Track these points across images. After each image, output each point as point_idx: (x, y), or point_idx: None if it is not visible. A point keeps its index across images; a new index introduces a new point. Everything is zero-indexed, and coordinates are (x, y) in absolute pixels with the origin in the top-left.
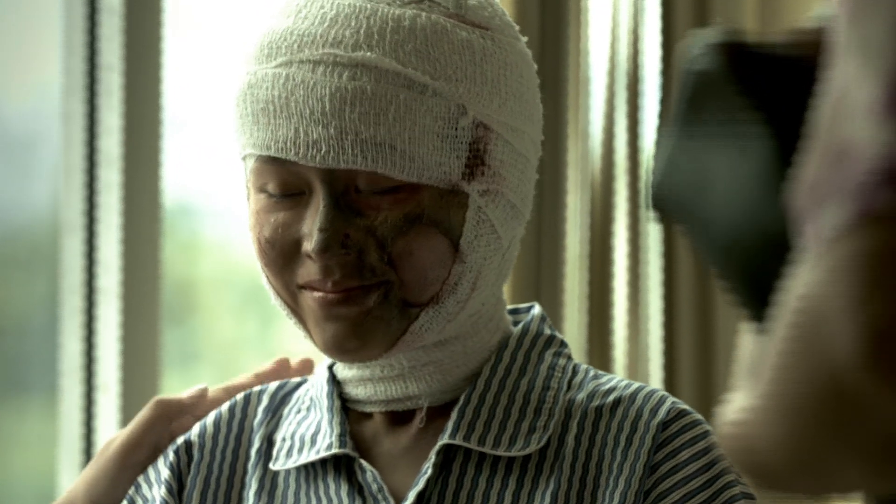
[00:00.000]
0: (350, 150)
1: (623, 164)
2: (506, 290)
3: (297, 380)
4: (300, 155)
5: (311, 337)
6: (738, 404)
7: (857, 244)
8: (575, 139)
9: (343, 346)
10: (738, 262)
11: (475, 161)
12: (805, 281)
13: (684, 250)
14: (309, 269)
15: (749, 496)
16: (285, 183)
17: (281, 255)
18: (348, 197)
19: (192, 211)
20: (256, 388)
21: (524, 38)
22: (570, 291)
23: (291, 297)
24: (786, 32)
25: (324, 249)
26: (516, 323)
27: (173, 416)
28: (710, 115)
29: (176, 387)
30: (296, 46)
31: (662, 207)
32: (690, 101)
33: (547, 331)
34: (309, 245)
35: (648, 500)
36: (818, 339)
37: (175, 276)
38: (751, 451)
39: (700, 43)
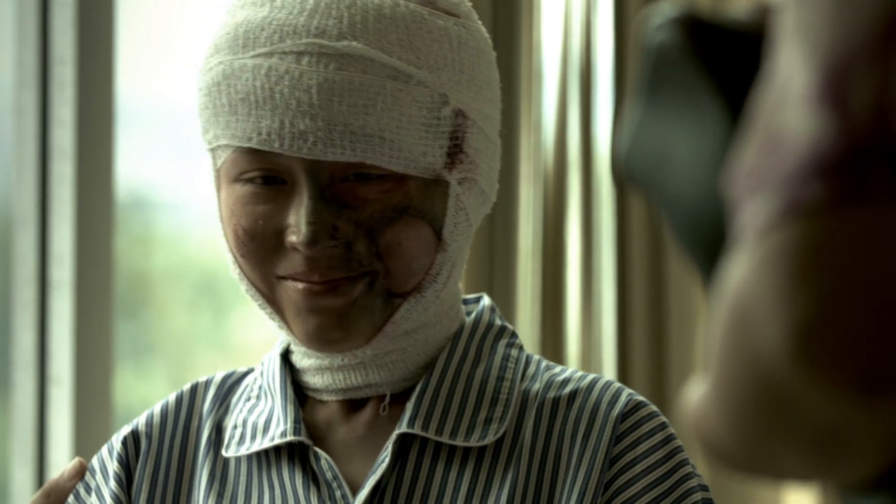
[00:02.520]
0: (339, 141)
1: (576, 157)
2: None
3: (243, 369)
4: (285, 146)
5: (290, 328)
6: (695, 392)
7: (784, 237)
8: (528, 131)
9: (327, 336)
10: (700, 237)
11: (455, 150)
12: (738, 272)
13: (637, 242)
14: (293, 261)
15: (705, 488)
16: (266, 174)
17: (262, 247)
18: (334, 188)
19: (145, 204)
20: (203, 378)
21: None
22: (523, 283)
23: (268, 288)
24: (749, 7)
25: (313, 242)
26: (468, 313)
27: (62, 498)
28: (670, 89)
29: (129, 380)
30: (276, 37)
31: (631, 180)
32: (652, 75)
33: (498, 321)
34: (295, 237)
35: (608, 492)
36: (749, 332)
37: (128, 269)
38: (707, 439)
39: (658, 17)
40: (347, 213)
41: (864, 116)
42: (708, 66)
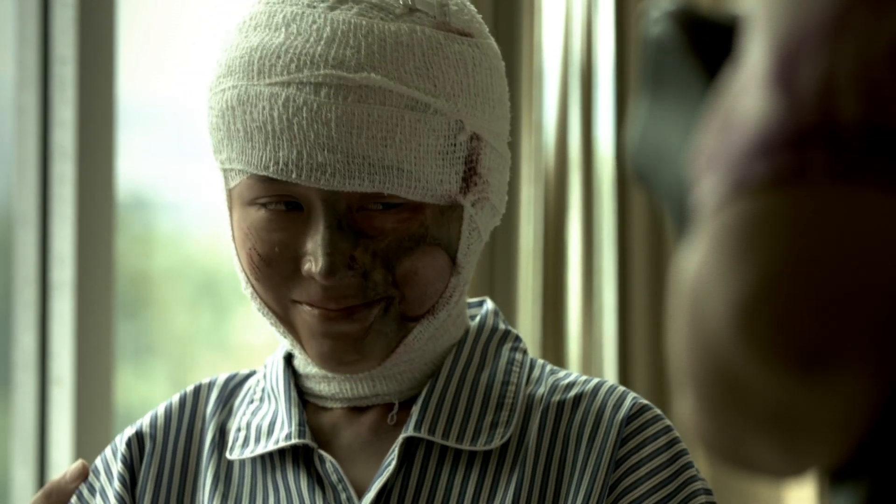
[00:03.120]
0: (358, 172)
1: (577, 157)
2: None
3: (246, 371)
4: (303, 177)
5: (303, 347)
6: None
7: (730, 215)
8: (529, 132)
9: (341, 359)
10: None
11: (470, 173)
12: (692, 254)
13: (638, 242)
14: (309, 289)
15: (708, 491)
16: (282, 200)
17: (277, 273)
18: (350, 217)
19: (146, 204)
20: (206, 380)
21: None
22: (524, 285)
23: (282, 310)
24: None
25: (330, 272)
26: (471, 317)
27: (64, 498)
28: (667, 82)
29: (130, 380)
30: (293, 66)
31: (637, 177)
32: (654, 68)
33: (502, 325)
34: (313, 267)
35: (613, 494)
36: (700, 312)
37: (129, 269)
38: (698, 436)
39: (654, 10)
40: (365, 242)
41: (809, 98)
42: (701, 58)
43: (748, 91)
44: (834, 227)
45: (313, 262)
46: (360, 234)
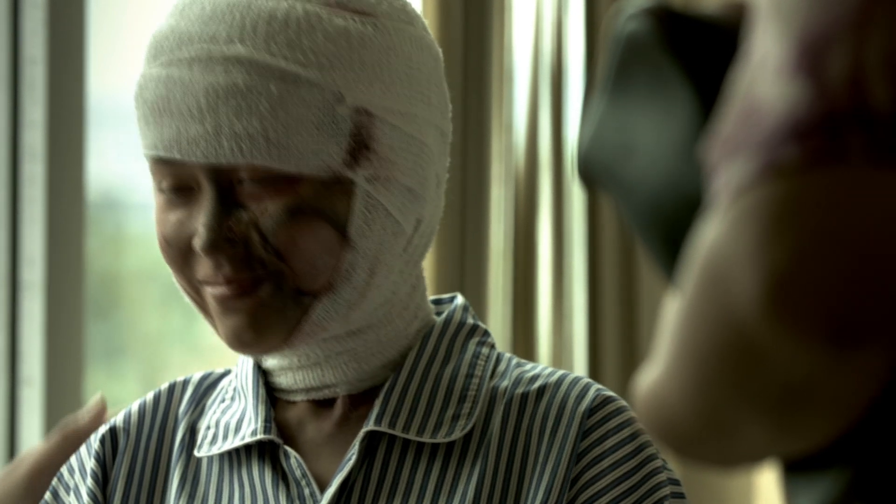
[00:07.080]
0: (226, 144)
1: (547, 158)
2: (429, 283)
3: (220, 371)
4: (182, 153)
5: (217, 331)
6: (647, 376)
7: (759, 195)
8: (499, 132)
9: (241, 338)
10: (659, 226)
11: (358, 147)
12: (712, 233)
13: (608, 243)
14: (203, 266)
15: (675, 482)
16: (177, 182)
17: (179, 253)
18: (233, 192)
19: (117, 204)
20: (181, 378)
21: (452, 28)
22: (494, 284)
23: (196, 292)
24: (719, 1)
25: (211, 246)
26: (439, 313)
27: (81, 441)
28: (638, 79)
29: (100, 380)
30: (176, 45)
31: (589, 173)
32: (620, 66)
33: (470, 320)
34: (198, 242)
35: (575, 487)
36: (721, 287)
37: (99, 270)
38: (662, 413)
39: (631, 7)
40: (244, 214)
41: (839, 84)
42: (679, 55)
43: (766, 81)
44: (872, 207)
45: (198, 238)
46: (242, 207)
